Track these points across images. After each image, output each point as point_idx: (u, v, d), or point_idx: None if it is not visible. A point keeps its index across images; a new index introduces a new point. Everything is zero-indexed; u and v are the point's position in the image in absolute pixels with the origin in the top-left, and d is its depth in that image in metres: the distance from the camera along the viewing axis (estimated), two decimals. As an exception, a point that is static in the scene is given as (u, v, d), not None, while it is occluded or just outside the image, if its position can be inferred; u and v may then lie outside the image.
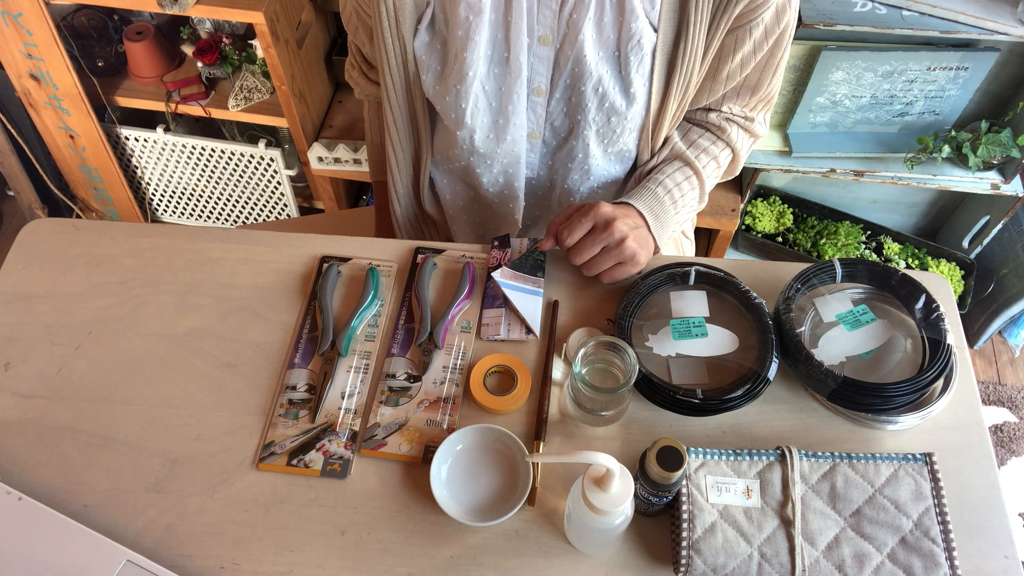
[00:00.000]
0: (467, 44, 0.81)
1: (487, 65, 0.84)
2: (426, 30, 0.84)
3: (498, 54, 0.84)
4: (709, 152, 0.94)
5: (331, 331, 0.88)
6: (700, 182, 0.94)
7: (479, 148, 0.91)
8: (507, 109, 0.87)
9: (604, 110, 0.86)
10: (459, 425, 0.82)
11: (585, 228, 0.85)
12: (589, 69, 0.83)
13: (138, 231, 0.98)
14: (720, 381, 0.84)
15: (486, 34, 0.82)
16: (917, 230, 2.05)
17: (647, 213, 0.88)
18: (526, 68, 0.84)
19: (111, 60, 1.78)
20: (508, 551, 0.75)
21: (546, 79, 0.86)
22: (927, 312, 0.85)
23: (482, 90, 0.86)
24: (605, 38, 0.82)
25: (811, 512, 0.73)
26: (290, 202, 2.00)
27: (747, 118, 0.95)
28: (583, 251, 0.86)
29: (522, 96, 0.86)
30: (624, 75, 0.84)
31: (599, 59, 0.83)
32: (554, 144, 0.93)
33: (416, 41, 0.84)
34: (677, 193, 0.92)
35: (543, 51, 0.83)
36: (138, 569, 0.72)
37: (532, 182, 1.00)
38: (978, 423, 0.82)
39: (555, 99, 0.88)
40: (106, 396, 0.84)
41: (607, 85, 0.84)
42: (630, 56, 0.82)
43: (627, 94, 0.85)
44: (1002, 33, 1.41)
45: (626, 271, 0.87)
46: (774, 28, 0.82)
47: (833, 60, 1.54)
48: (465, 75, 0.83)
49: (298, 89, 1.69)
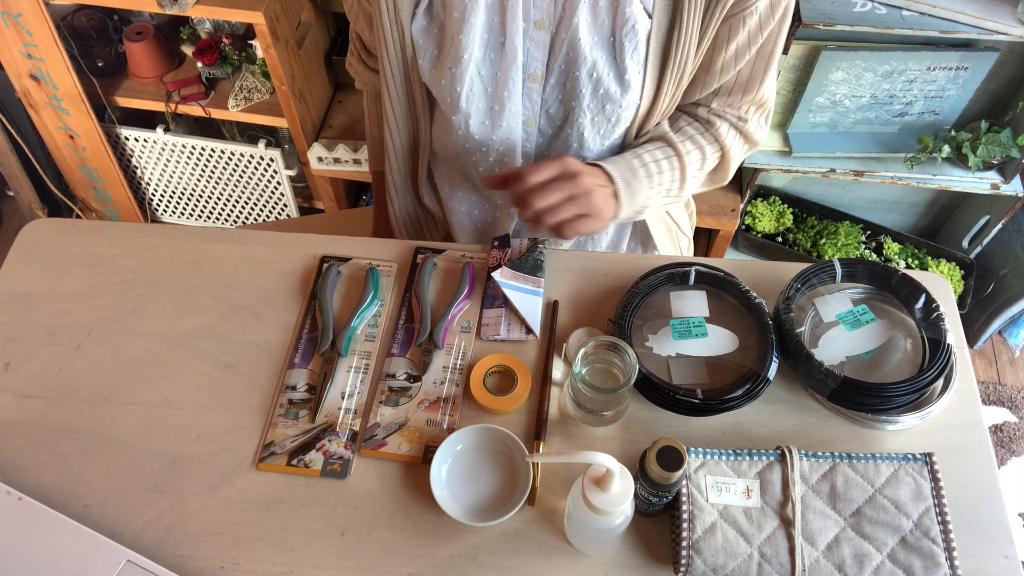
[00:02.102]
0: (463, 26, 0.82)
1: (483, 49, 0.85)
2: (424, 14, 0.85)
3: (494, 38, 0.84)
4: (695, 141, 0.93)
5: (331, 331, 0.88)
6: (681, 165, 0.92)
7: (474, 134, 0.91)
8: (503, 95, 0.87)
9: (599, 97, 0.86)
10: (459, 425, 0.82)
11: (550, 173, 0.82)
12: (583, 54, 0.83)
13: (138, 231, 0.98)
14: (720, 381, 0.84)
15: (482, 16, 0.82)
16: (917, 230, 2.05)
17: (617, 178, 0.86)
18: (521, 53, 0.84)
19: (111, 60, 1.78)
20: (508, 551, 0.75)
21: (542, 64, 0.86)
22: (927, 312, 0.85)
23: (478, 74, 0.86)
24: (600, 22, 0.82)
25: (811, 512, 0.73)
26: (290, 202, 2.00)
27: (740, 119, 0.94)
28: (545, 195, 0.81)
29: (518, 82, 0.87)
30: (619, 61, 0.84)
31: (594, 44, 0.83)
32: (549, 132, 0.93)
33: (414, 25, 0.85)
34: (654, 168, 0.90)
35: (539, 35, 0.84)
36: (138, 569, 0.72)
37: None
38: (978, 423, 0.82)
39: (550, 85, 0.88)
40: (106, 396, 0.84)
41: (601, 71, 0.84)
42: (624, 42, 0.82)
43: (622, 81, 0.85)
44: (1002, 33, 1.41)
45: (588, 225, 0.84)
46: (768, 19, 0.82)
47: (833, 60, 1.54)
48: (460, 57, 0.84)
49: (298, 89, 1.69)
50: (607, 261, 0.96)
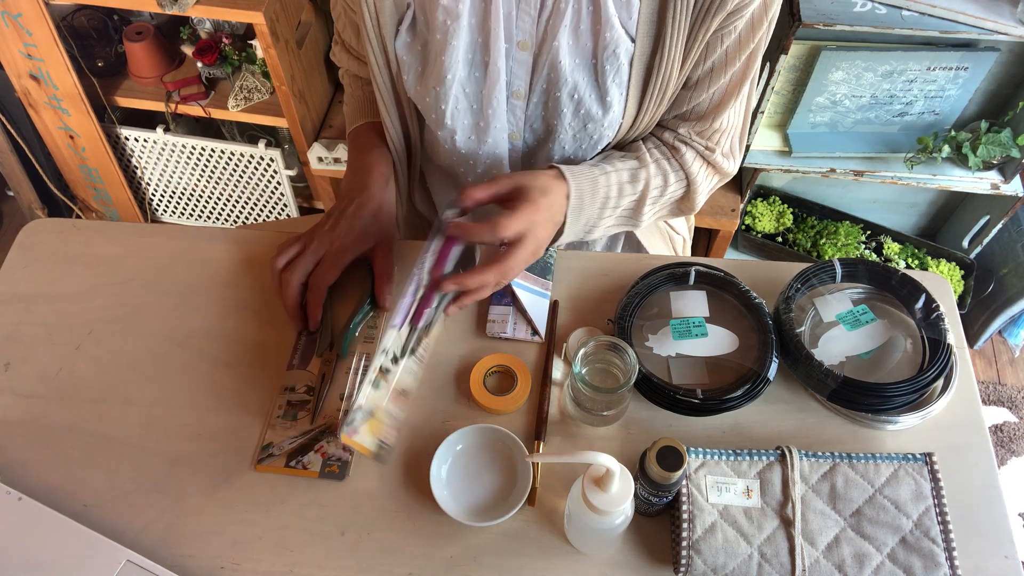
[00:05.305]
0: (445, 48, 0.81)
1: (467, 68, 0.84)
2: (407, 31, 0.84)
3: (477, 58, 0.83)
4: (660, 165, 0.90)
5: (330, 332, 0.88)
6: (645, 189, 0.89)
7: (461, 149, 0.91)
8: (487, 112, 0.87)
9: (580, 116, 0.86)
10: (458, 425, 0.82)
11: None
12: (564, 76, 0.82)
13: (138, 231, 0.98)
14: (720, 381, 0.84)
15: (465, 38, 0.81)
16: (917, 230, 2.05)
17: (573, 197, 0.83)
18: (504, 72, 0.84)
19: (111, 60, 1.78)
20: (508, 551, 0.75)
21: (524, 83, 0.85)
22: (927, 312, 0.85)
23: (462, 92, 0.86)
24: (582, 46, 0.81)
25: (811, 512, 0.73)
26: (290, 202, 2.00)
27: (707, 148, 0.91)
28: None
29: (502, 100, 0.86)
30: (600, 83, 0.83)
31: (575, 66, 0.82)
32: (534, 144, 0.93)
33: (397, 41, 0.85)
34: (619, 204, 0.88)
35: (522, 55, 0.83)
36: (138, 569, 0.72)
37: None
38: (978, 423, 0.82)
39: (533, 103, 0.87)
40: (106, 396, 0.84)
41: (583, 92, 0.83)
42: (606, 65, 0.81)
43: (603, 102, 0.84)
44: (1002, 33, 1.41)
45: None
46: (748, 40, 0.80)
47: (833, 60, 1.54)
48: (444, 77, 0.83)
49: (298, 89, 1.69)
50: (607, 261, 0.96)
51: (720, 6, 0.75)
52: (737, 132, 0.92)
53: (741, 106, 0.89)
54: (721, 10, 0.75)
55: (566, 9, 0.78)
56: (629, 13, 0.79)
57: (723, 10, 0.75)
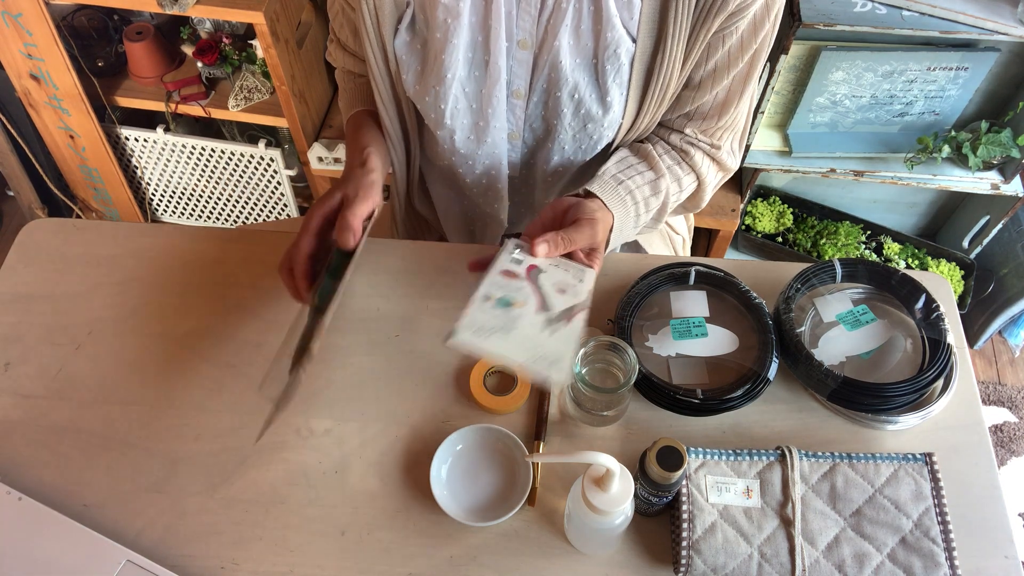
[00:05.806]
0: (445, 47, 0.81)
1: (467, 68, 0.84)
2: (406, 30, 0.84)
3: (478, 57, 0.83)
4: (673, 172, 0.91)
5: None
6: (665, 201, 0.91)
7: (460, 149, 0.91)
8: (487, 112, 0.87)
9: (580, 116, 0.86)
10: (458, 425, 0.82)
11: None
12: (565, 75, 0.82)
13: (138, 231, 0.98)
14: (720, 381, 0.84)
15: (465, 37, 0.81)
16: (917, 230, 2.05)
17: (615, 230, 0.85)
18: (505, 71, 0.84)
19: (111, 60, 1.78)
20: (508, 551, 0.75)
21: (525, 82, 0.85)
22: (927, 312, 0.85)
23: (462, 92, 0.86)
24: (583, 46, 0.81)
25: (811, 512, 0.73)
26: (290, 202, 2.00)
27: (713, 146, 0.92)
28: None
29: (502, 99, 0.86)
30: (601, 83, 0.83)
31: (576, 66, 0.82)
32: (533, 144, 0.93)
33: (396, 40, 0.84)
34: (645, 218, 0.90)
35: (522, 55, 0.83)
36: (138, 569, 0.72)
37: (515, 181, 1.00)
38: (978, 423, 0.82)
39: (533, 102, 0.87)
40: (106, 396, 0.84)
41: (583, 92, 0.83)
42: (607, 65, 0.81)
43: (603, 102, 0.84)
44: (1002, 33, 1.41)
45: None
46: (751, 41, 0.80)
47: (833, 60, 1.54)
48: (444, 77, 0.83)
49: (298, 89, 1.69)
50: (607, 261, 0.95)
51: (721, 7, 0.75)
52: (740, 129, 0.93)
53: (745, 104, 0.90)
54: (722, 10, 0.75)
55: (567, 8, 0.78)
56: (630, 13, 0.78)
57: (724, 10, 0.75)
